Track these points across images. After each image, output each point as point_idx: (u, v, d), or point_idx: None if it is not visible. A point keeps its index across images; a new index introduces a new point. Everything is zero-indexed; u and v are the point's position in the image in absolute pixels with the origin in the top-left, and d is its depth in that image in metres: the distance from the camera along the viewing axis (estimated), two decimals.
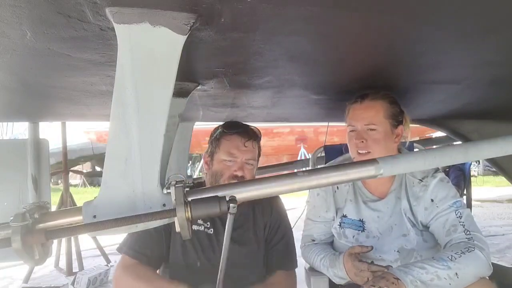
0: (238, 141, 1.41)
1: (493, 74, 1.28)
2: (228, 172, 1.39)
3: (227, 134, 1.44)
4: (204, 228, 1.42)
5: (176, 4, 0.70)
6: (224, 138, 1.43)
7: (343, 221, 1.50)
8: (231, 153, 1.40)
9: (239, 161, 1.40)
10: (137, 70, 0.79)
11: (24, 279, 3.46)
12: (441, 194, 1.38)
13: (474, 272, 1.20)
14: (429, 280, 1.15)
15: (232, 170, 1.39)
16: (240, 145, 1.41)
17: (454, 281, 1.16)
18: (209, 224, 1.43)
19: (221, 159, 1.41)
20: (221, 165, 1.41)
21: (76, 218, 0.88)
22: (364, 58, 1.10)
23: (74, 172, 6.60)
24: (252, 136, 1.44)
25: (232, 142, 1.42)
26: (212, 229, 1.42)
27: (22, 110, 1.84)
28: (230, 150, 1.40)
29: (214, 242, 1.41)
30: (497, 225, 5.70)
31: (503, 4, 0.74)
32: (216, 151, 1.43)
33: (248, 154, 1.42)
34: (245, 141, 1.41)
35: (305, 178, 0.98)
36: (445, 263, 1.17)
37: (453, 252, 1.21)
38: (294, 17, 0.76)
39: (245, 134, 1.43)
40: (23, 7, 0.68)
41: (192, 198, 0.91)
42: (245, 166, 1.41)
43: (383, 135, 1.38)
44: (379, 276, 1.19)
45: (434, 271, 1.16)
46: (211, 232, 1.42)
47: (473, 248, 1.22)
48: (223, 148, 1.42)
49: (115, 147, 0.85)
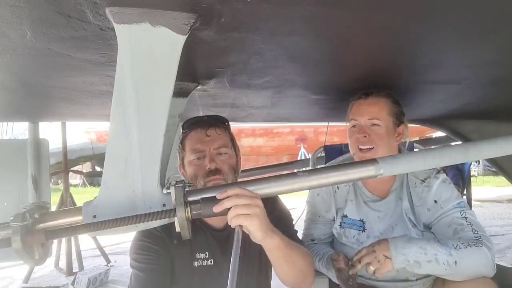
0: (198, 134, 1.26)
1: (493, 74, 1.28)
2: (201, 170, 1.22)
3: (187, 132, 1.30)
4: (203, 261, 1.29)
5: (176, 4, 0.70)
6: (186, 138, 1.29)
7: (344, 221, 1.49)
8: (195, 149, 1.25)
9: (208, 154, 1.23)
10: (137, 70, 0.79)
11: (24, 279, 3.46)
12: (445, 195, 1.38)
13: (476, 267, 1.20)
14: (426, 261, 1.18)
15: (204, 166, 1.22)
16: (202, 136, 1.25)
17: (451, 268, 1.18)
18: (207, 254, 1.29)
19: (190, 161, 1.26)
20: (192, 167, 1.25)
21: (76, 218, 0.88)
22: (364, 58, 1.10)
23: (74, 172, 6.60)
24: (213, 123, 1.28)
25: (193, 137, 1.27)
26: (212, 260, 1.29)
27: (22, 110, 1.84)
28: (194, 146, 1.25)
29: (216, 273, 1.28)
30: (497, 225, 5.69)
31: (503, 4, 0.74)
32: (184, 156, 1.29)
33: (215, 142, 1.25)
34: (206, 130, 1.25)
35: (305, 178, 0.98)
36: (448, 249, 1.19)
37: (459, 242, 1.22)
38: (294, 17, 0.76)
39: (204, 123, 1.27)
40: (23, 7, 0.68)
41: (192, 198, 0.91)
42: (217, 157, 1.24)
43: (386, 131, 1.38)
44: (371, 248, 1.24)
45: (433, 254, 1.18)
46: (211, 263, 1.29)
47: (480, 245, 1.22)
48: (188, 148, 1.28)
49: (115, 147, 0.85)
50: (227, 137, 1.31)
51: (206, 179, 1.21)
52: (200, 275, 1.27)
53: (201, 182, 1.21)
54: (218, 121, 1.31)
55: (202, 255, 1.29)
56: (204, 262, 1.28)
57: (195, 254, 1.28)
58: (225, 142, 1.28)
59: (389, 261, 1.19)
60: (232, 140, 1.33)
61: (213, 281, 1.27)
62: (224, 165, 1.24)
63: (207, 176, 1.21)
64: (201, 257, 1.29)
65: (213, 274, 1.27)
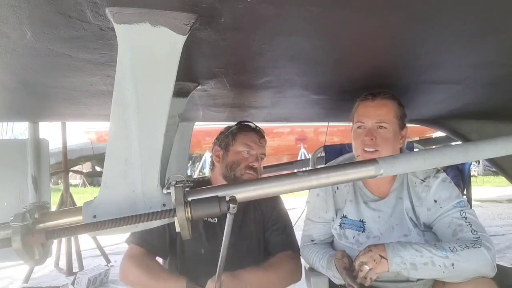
0: (254, 136, 1.59)
1: (493, 74, 1.28)
2: (245, 162, 1.53)
3: (245, 130, 1.60)
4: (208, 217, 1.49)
5: (176, 4, 0.70)
6: (241, 133, 1.59)
7: (343, 222, 1.49)
8: (249, 145, 1.55)
9: (255, 154, 1.56)
10: (137, 70, 0.79)
11: (24, 279, 3.46)
12: (445, 195, 1.38)
13: (474, 268, 1.20)
14: (422, 263, 1.18)
15: (249, 161, 1.53)
16: (257, 140, 1.58)
17: (449, 270, 1.17)
18: None
19: (238, 151, 1.55)
20: (238, 156, 1.54)
21: (76, 218, 0.88)
22: (364, 58, 1.10)
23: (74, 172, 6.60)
24: (264, 136, 1.64)
25: (249, 136, 1.58)
26: (216, 219, 1.52)
27: (22, 110, 1.84)
28: (248, 143, 1.56)
29: (218, 230, 1.50)
30: (497, 225, 5.69)
31: (503, 4, 0.74)
32: (233, 143, 1.57)
33: (262, 149, 1.60)
34: (260, 138, 1.60)
35: (305, 178, 0.98)
36: (444, 252, 1.19)
37: (456, 245, 1.22)
38: (294, 17, 0.76)
39: (259, 132, 1.62)
40: (23, 7, 0.68)
41: (192, 198, 0.91)
42: (259, 160, 1.57)
43: (392, 135, 1.38)
44: (367, 249, 1.24)
45: (429, 256, 1.18)
46: (215, 221, 1.52)
47: (479, 246, 1.22)
48: (241, 141, 1.56)
49: (115, 147, 0.85)
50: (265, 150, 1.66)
51: (246, 170, 1.52)
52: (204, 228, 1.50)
53: (241, 170, 1.52)
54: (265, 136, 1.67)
55: None
56: (209, 219, 1.52)
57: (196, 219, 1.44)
58: (265, 152, 1.63)
59: (384, 261, 1.19)
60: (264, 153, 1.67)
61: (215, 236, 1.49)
62: (260, 167, 1.60)
63: (248, 169, 1.52)
64: None
65: (215, 230, 1.50)
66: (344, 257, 1.33)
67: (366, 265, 1.21)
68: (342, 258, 1.32)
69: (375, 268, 1.20)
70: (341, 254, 1.34)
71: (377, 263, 1.20)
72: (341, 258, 1.32)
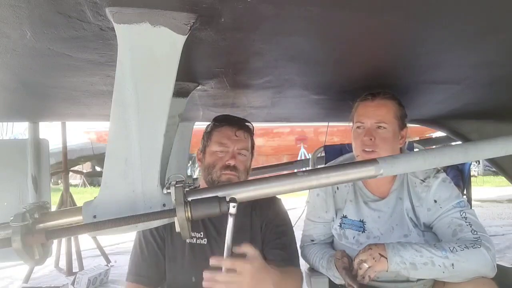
0: (228, 131, 1.39)
1: (493, 74, 1.28)
2: (220, 162, 1.36)
3: (218, 126, 1.42)
4: (197, 239, 1.37)
5: (176, 4, 0.70)
6: (215, 130, 1.42)
7: (343, 222, 1.49)
8: (222, 143, 1.38)
9: (231, 151, 1.37)
10: (137, 70, 0.79)
11: (24, 279, 3.46)
12: (444, 195, 1.38)
13: (474, 268, 1.20)
14: (422, 263, 1.19)
15: (224, 160, 1.36)
16: (231, 134, 1.39)
17: (449, 271, 1.18)
18: (202, 234, 1.38)
19: (213, 151, 1.39)
20: (213, 157, 1.38)
21: (76, 218, 0.88)
22: (364, 58, 1.10)
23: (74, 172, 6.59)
24: (243, 126, 1.43)
25: (222, 132, 1.40)
26: (205, 239, 1.38)
27: (22, 110, 1.84)
28: (221, 140, 1.38)
29: (208, 253, 1.35)
30: (497, 225, 5.69)
31: (503, 4, 0.74)
32: (208, 144, 1.41)
33: (240, 143, 1.39)
34: (236, 131, 1.39)
35: (305, 178, 0.98)
36: (444, 252, 1.19)
37: (456, 245, 1.22)
38: (294, 17, 0.76)
39: (235, 124, 1.41)
40: (23, 7, 0.68)
41: (192, 198, 0.91)
42: (238, 156, 1.38)
43: (391, 135, 1.38)
44: (367, 247, 1.25)
45: (429, 256, 1.19)
46: (205, 242, 1.37)
47: (479, 246, 1.22)
48: (214, 139, 1.40)
49: (115, 147, 0.85)
50: (249, 142, 1.45)
51: (222, 171, 1.35)
52: (192, 252, 1.36)
53: (217, 172, 1.35)
54: (247, 126, 1.45)
55: (197, 234, 1.38)
56: (197, 241, 1.38)
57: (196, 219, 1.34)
58: (247, 145, 1.43)
59: (384, 260, 1.20)
60: (252, 145, 1.48)
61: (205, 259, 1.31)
62: (241, 164, 1.38)
63: (224, 169, 1.35)
64: (195, 235, 1.38)
65: (205, 253, 1.35)
66: (344, 256, 1.33)
67: (365, 263, 1.21)
68: (342, 258, 1.32)
69: (374, 266, 1.20)
70: (341, 254, 1.35)
71: (376, 262, 1.20)
72: (341, 258, 1.33)
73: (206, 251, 1.35)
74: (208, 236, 1.38)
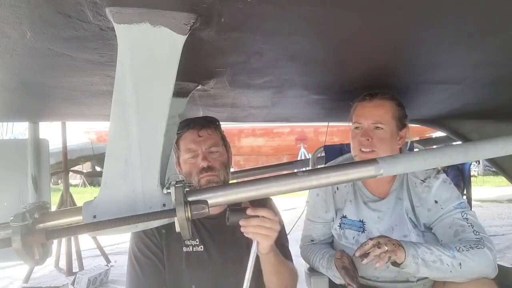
0: (191, 134, 1.35)
1: (493, 74, 1.28)
2: (195, 168, 1.32)
3: (181, 133, 1.38)
4: (193, 247, 1.36)
5: (176, 4, 0.70)
6: (179, 139, 1.38)
7: (343, 222, 1.49)
8: (189, 148, 1.34)
9: (200, 153, 1.33)
10: (137, 70, 0.79)
11: (24, 279, 3.46)
12: (445, 196, 1.38)
13: (479, 268, 1.20)
14: (432, 261, 1.18)
15: (198, 164, 1.32)
16: (195, 137, 1.35)
17: (456, 270, 1.18)
18: (198, 241, 1.36)
19: (185, 160, 1.36)
20: (187, 166, 1.35)
21: (76, 218, 0.88)
22: (364, 58, 1.10)
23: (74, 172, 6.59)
24: (204, 124, 1.37)
25: (187, 138, 1.36)
26: (202, 246, 1.36)
27: (22, 110, 1.84)
28: (188, 146, 1.35)
29: (206, 260, 1.35)
30: (497, 225, 5.69)
31: (503, 4, 0.74)
32: (179, 154, 1.39)
33: (206, 142, 1.34)
34: (198, 131, 1.35)
35: (305, 178, 0.98)
36: (452, 252, 1.20)
37: (461, 245, 1.23)
38: (294, 17, 0.76)
39: (196, 125, 1.36)
40: (23, 7, 0.68)
41: (192, 198, 0.91)
42: (209, 155, 1.34)
43: (389, 135, 1.38)
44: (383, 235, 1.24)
45: (438, 254, 1.19)
46: (201, 249, 1.36)
47: (482, 246, 1.23)
48: (182, 148, 1.37)
49: (115, 147, 0.85)
50: (218, 136, 1.40)
51: (200, 176, 1.31)
52: (190, 261, 1.34)
53: (195, 179, 1.31)
54: (209, 121, 1.40)
55: (193, 242, 1.37)
56: (194, 249, 1.36)
57: (184, 241, 1.34)
58: (216, 141, 1.37)
59: (402, 250, 1.18)
60: (223, 138, 1.42)
61: (203, 267, 1.35)
62: (216, 162, 1.34)
63: (200, 173, 1.31)
64: (191, 243, 1.37)
65: (203, 260, 1.35)
66: (343, 256, 1.33)
67: (386, 245, 1.17)
68: (341, 257, 1.32)
69: (394, 251, 1.16)
70: (340, 254, 1.34)
71: (396, 247, 1.17)
72: (341, 257, 1.32)
73: (204, 258, 1.35)
74: (205, 243, 1.36)
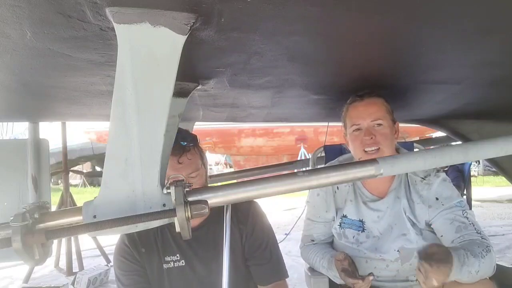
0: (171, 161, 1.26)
1: (493, 74, 1.28)
2: None
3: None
4: (174, 262, 1.35)
5: (176, 4, 0.70)
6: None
7: (343, 221, 1.50)
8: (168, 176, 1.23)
9: None
10: (137, 70, 0.79)
11: (24, 279, 3.46)
12: (446, 193, 1.39)
13: (488, 273, 1.21)
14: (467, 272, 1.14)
15: None
16: (174, 164, 1.28)
17: (473, 276, 1.16)
18: (178, 256, 1.36)
19: None
20: None
21: (76, 218, 0.88)
22: (364, 58, 1.10)
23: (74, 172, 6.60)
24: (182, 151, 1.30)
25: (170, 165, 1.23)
26: (183, 261, 1.35)
27: (22, 110, 1.84)
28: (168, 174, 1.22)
29: (189, 274, 1.34)
30: (497, 225, 5.69)
31: (503, 4, 0.74)
32: None
33: (186, 170, 1.29)
34: (178, 159, 1.29)
35: (305, 178, 0.98)
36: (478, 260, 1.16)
37: (480, 249, 1.21)
38: (294, 17, 0.76)
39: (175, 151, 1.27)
40: (23, 7, 0.68)
41: (192, 198, 0.91)
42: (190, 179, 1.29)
43: (389, 130, 1.39)
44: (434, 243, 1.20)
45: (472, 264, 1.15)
46: (183, 263, 1.35)
47: (489, 250, 1.23)
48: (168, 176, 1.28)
49: (115, 147, 0.85)
50: (198, 158, 1.36)
51: None
52: (172, 277, 1.34)
53: None
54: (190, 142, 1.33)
55: (173, 257, 1.36)
56: (175, 264, 1.35)
57: (164, 257, 1.34)
58: (195, 165, 1.33)
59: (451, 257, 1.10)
60: (201, 157, 1.39)
61: (187, 281, 1.34)
62: (196, 185, 1.29)
63: None
64: (171, 259, 1.36)
65: (186, 274, 1.34)
66: (345, 259, 1.32)
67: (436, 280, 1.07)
68: (343, 260, 1.32)
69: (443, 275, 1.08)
70: (343, 256, 1.34)
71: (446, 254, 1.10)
72: (342, 260, 1.32)
73: (186, 273, 1.34)
74: (186, 257, 1.35)
